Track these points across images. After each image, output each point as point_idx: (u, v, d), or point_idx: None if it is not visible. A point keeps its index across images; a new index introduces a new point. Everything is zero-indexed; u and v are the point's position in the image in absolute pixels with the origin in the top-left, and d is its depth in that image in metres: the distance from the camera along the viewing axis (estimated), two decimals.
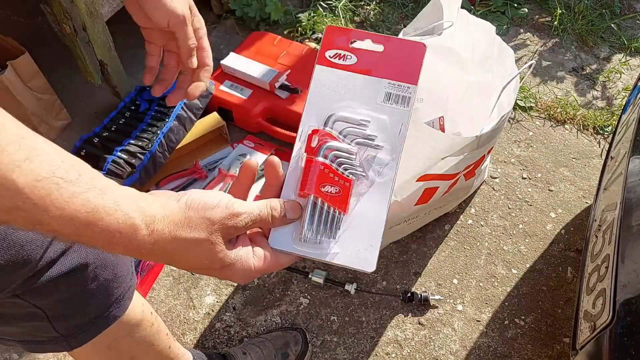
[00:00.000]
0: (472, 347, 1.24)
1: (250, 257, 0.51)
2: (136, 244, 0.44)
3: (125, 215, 0.42)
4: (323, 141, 0.54)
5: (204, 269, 0.50)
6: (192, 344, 1.23)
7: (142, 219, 0.44)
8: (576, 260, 1.38)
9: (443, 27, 1.19)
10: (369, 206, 0.54)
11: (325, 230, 0.53)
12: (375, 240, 0.54)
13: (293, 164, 0.55)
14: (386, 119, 0.56)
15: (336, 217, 0.53)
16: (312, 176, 0.52)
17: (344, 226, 0.54)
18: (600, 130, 1.68)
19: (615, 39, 1.95)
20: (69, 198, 0.39)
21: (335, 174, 0.53)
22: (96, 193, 0.41)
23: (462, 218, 1.45)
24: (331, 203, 0.53)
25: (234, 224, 0.48)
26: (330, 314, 1.28)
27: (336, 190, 0.53)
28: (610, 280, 0.81)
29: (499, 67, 1.22)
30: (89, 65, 1.50)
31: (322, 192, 0.52)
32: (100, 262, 0.67)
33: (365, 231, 0.54)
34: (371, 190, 0.55)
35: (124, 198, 0.43)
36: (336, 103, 0.56)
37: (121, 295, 0.72)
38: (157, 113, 1.50)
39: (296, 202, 0.53)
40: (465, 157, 1.11)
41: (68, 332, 0.69)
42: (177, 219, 0.46)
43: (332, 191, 0.53)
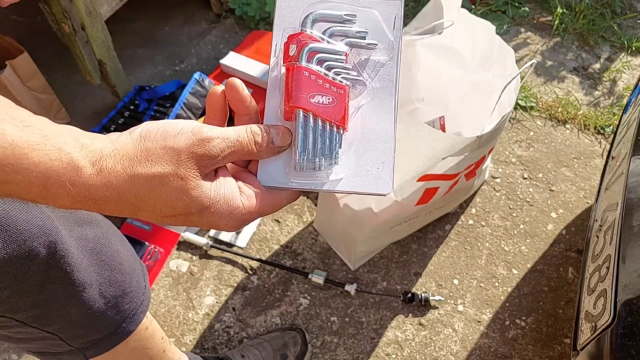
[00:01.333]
0: (472, 348, 1.24)
1: (236, 193, 0.41)
2: (82, 188, 0.34)
3: (59, 150, 0.33)
4: (303, 43, 0.44)
5: (178, 215, 0.38)
6: (192, 344, 1.22)
7: (85, 155, 0.34)
8: (577, 260, 1.38)
9: (443, 26, 1.18)
10: (372, 118, 0.45)
11: (323, 153, 0.43)
12: (386, 157, 0.44)
13: (271, 86, 0.45)
14: (376, 13, 0.46)
15: (334, 134, 0.44)
16: (296, 86, 0.42)
17: (346, 145, 0.45)
18: (601, 130, 1.67)
19: (616, 39, 1.94)
20: None
21: (324, 80, 0.43)
22: (14, 124, 0.32)
23: (463, 218, 1.45)
24: (325, 117, 0.43)
25: (206, 151, 0.38)
26: (330, 314, 1.27)
27: (329, 100, 0.43)
28: (611, 281, 0.81)
29: (499, 66, 1.21)
30: (88, 64, 1.50)
31: (312, 103, 0.42)
32: (104, 280, 0.66)
33: (372, 148, 0.45)
34: (372, 99, 0.46)
35: (57, 132, 0.34)
36: (312, 5, 0.46)
37: (133, 310, 0.71)
38: (156, 113, 1.50)
39: (283, 126, 0.43)
40: (466, 157, 1.11)
41: (83, 346, 0.69)
42: (131, 153, 0.36)
43: (324, 101, 0.43)
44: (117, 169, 0.35)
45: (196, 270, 1.33)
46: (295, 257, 1.36)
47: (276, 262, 1.34)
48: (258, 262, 1.34)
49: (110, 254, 0.66)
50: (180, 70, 1.79)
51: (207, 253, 1.36)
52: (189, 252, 1.36)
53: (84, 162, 0.34)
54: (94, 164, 0.35)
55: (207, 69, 1.76)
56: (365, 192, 0.44)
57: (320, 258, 1.36)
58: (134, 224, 1.37)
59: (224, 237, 1.38)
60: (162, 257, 1.33)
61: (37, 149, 0.32)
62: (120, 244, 0.70)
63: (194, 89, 1.51)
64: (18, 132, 0.32)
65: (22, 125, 0.32)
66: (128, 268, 0.70)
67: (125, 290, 0.69)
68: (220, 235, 1.38)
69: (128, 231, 1.36)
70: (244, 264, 1.34)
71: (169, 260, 1.34)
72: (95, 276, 0.64)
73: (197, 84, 1.51)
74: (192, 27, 1.93)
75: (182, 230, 1.36)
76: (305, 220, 1.42)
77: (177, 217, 0.38)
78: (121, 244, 0.70)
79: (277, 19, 0.47)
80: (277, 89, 0.45)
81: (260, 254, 1.36)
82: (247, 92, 0.44)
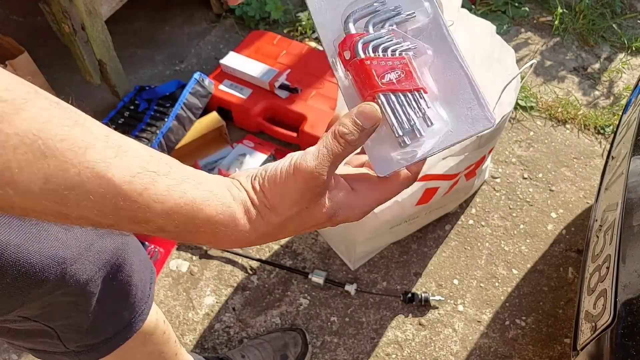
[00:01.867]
0: (472, 348, 1.24)
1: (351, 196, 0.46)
2: (239, 235, 0.42)
3: (223, 204, 0.41)
4: (353, 42, 0.46)
5: (310, 227, 0.46)
6: (192, 344, 1.22)
7: (238, 206, 0.42)
8: (577, 260, 1.38)
9: None
10: (443, 72, 0.48)
11: (417, 119, 0.46)
12: (471, 97, 0.47)
13: (348, 97, 0.48)
14: None
15: (418, 99, 0.46)
16: (365, 76, 0.45)
17: (433, 105, 0.47)
18: (601, 130, 1.67)
19: (616, 39, 1.94)
20: (166, 192, 0.37)
21: (385, 60, 0.46)
22: (191, 184, 0.39)
23: (463, 218, 1.45)
24: (402, 89, 0.45)
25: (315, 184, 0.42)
26: (331, 314, 1.27)
27: (397, 74, 0.45)
28: (611, 281, 0.81)
29: (499, 66, 1.21)
30: (88, 64, 1.50)
31: (386, 83, 0.45)
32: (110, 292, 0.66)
33: (456, 96, 0.47)
34: (434, 58, 0.48)
35: (218, 187, 0.41)
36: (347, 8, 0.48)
37: (133, 317, 0.72)
38: (156, 113, 1.50)
39: (363, 105, 0.44)
40: (466, 157, 1.11)
41: (79, 349, 0.69)
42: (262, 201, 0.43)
43: (394, 77, 0.45)
44: (257, 219, 0.43)
45: (196, 270, 1.33)
46: (295, 257, 1.36)
47: (276, 262, 1.34)
48: (258, 262, 1.34)
49: (123, 265, 0.67)
50: (180, 70, 1.79)
51: (207, 253, 1.36)
52: (189, 252, 1.36)
53: (240, 215, 0.42)
54: (245, 214, 0.42)
55: (207, 69, 1.76)
56: (471, 135, 0.46)
57: (320, 258, 1.36)
58: None
59: None
60: (162, 257, 1.33)
61: (210, 204, 0.40)
62: (134, 254, 0.70)
63: (194, 89, 1.51)
64: (196, 191, 0.39)
65: (196, 184, 0.39)
66: (136, 280, 0.70)
67: (128, 301, 0.70)
68: None
69: None
70: (244, 264, 1.34)
71: (169, 260, 1.34)
72: (103, 287, 0.65)
73: (197, 84, 1.51)
74: (192, 27, 1.93)
75: None
76: None
77: (310, 229, 0.46)
78: (136, 254, 0.71)
79: (322, 36, 0.49)
80: (354, 95, 0.47)
81: (260, 254, 1.36)
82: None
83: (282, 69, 1.62)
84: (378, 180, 0.47)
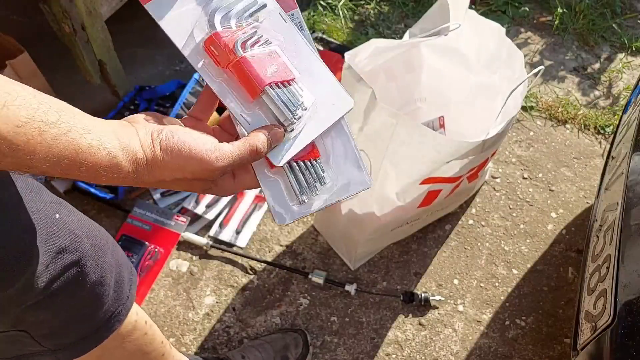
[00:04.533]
0: (472, 348, 1.24)
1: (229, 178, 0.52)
2: (122, 179, 0.45)
3: (109, 154, 0.43)
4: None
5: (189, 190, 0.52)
6: (192, 344, 1.22)
7: (125, 157, 0.44)
8: (577, 260, 1.38)
9: (450, 29, 1.18)
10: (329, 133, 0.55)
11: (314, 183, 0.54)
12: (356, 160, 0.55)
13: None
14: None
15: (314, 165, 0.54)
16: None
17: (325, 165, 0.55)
18: (601, 130, 1.67)
19: (616, 39, 1.94)
20: (52, 140, 0.39)
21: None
22: (78, 133, 0.41)
23: (463, 218, 1.45)
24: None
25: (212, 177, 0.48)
26: (331, 314, 1.27)
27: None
28: (611, 281, 0.81)
29: (506, 69, 1.21)
30: (88, 64, 1.50)
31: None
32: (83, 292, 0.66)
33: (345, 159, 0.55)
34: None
35: (108, 135, 0.44)
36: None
37: (108, 319, 0.71)
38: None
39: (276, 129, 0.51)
40: (470, 161, 1.11)
41: (56, 348, 0.69)
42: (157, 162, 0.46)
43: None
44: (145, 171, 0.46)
45: (196, 270, 1.33)
46: (295, 257, 1.36)
47: (276, 262, 1.34)
48: (258, 262, 1.34)
49: (94, 267, 0.66)
50: (180, 70, 1.79)
51: (207, 253, 1.36)
52: (189, 252, 1.36)
53: (125, 163, 0.44)
54: (131, 163, 0.45)
55: None
56: (353, 195, 0.54)
57: (320, 258, 1.36)
58: (134, 224, 1.37)
59: (224, 237, 1.38)
60: (162, 257, 1.33)
61: (95, 153, 0.42)
62: (110, 256, 0.70)
63: (194, 89, 1.51)
64: (82, 140, 0.41)
65: (83, 133, 0.42)
66: (109, 279, 0.70)
67: (102, 301, 0.69)
68: (220, 235, 1.38)
69: (128, 231, 1.36)
70: (244, 264, 1.34)
71: (169, 260, 1.34)
72: (73, 287, 0.64)
73: (197, 84, 1.51)
74: None
75: (182, 230, 1.36)
76: (305, 220, 1.42)
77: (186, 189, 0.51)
78: (111, 255, 0.70)
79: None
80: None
81: (260, 254, 1.36)
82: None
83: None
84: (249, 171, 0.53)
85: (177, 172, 0.47)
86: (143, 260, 1.31)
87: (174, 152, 0.46)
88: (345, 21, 1.96)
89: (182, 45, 0.52)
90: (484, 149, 1.07)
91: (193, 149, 0.46)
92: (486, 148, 1.08)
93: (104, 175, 0.44)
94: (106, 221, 1.39)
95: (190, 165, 0.46)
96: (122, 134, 0.45)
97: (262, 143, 0.49)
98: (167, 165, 0.46)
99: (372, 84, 1.01)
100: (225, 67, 0.50)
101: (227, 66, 0.50)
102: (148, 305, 1.28)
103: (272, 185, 0.53)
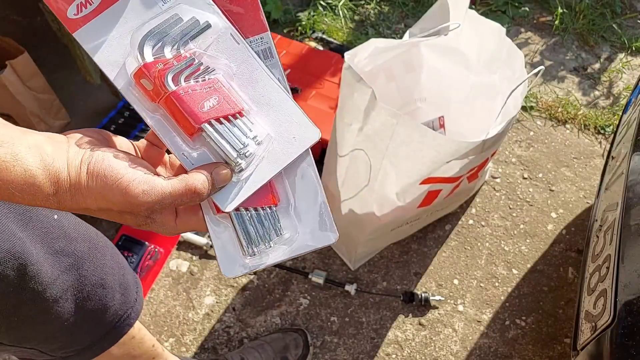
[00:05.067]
0: (472, 348, 1.24)
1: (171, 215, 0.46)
2: (41, 201, 0.41)
3: (25, 171, 0.39)
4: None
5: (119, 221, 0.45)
6: (192, 344, 1.22)
7: (45, 176, 0.40)
8: (577, 260, 1.38)
9: (449, 28, 1.18)
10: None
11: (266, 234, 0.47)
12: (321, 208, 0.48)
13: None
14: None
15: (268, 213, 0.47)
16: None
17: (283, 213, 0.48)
18: (601, 130, 1.67)
19: (616, 39, 1.94)
20: None
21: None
22: None
23: (463, 218, 1.45)
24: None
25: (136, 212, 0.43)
26: (331, 314, 1.27)
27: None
28: (611, 281, 0.81)
29: (506, 69, 1.21)
30: (88, 64, 1.50)
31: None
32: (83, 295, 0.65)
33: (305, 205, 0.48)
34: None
35: (27, 150, 0.39)
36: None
37: (116, 322, 0.71)
38: None
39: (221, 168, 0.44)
40: (470, 161, 1.11)
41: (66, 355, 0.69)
42: (80, 187, 0.41)
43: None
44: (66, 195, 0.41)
45: (196, 270, 1.33)
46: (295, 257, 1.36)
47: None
48: None
49: (92, 269, 0.66)
50: None
51: (207, 253, 1.36)
52: (189, 252, 1.36)
53: (44, 183, 0.40)
54: (53, 184, 0.40)
55: None
56: (316, 249, 0.47)
57: (320, 258, 1.36)
58: None
59: None
60: (162, 257, 1.33)
61: (8, 168, 0.38)
62: (110, 258, 0.70)
63: None
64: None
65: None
66: (112, 282, 0.69)
67: (107, 304, 0.69)
68: None
69: (128, 231, 1.36)
70: None
71: (169, 260, 1.34)
72: (72, 291, 0.64)
73: None
74: None
75: None
76: None
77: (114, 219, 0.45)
78: (111, 258, 0.70)
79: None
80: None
81: None
82: None
83: (282, 69, 1.62)
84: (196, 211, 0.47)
85: (101, 201, 0.42)
86: (143, 260, 1.31)
87: (100, 177, 0.41)
88: (345, 21, 1.96)
89: (113, 77, 0.45)
90: (484, 149, 1.07)
91: (120, 178, 0.41)
92: (486, 148, 1.08)
93: (19, 196, 0.39)
94: (106, 221, 1.39)
95: (113, 195, 0.41)
96: (48, 150, 0.41)
97: (202, 183, 0.43)
98: (91, 192, 0.41)
99: (372, 84, 1.01)
100: (154, 101, 0.45)
101: (158, 102, 0.45)
102: (148, 305, 1.28)
103: (221, 232, 0.47)
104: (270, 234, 0.47)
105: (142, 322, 1.25)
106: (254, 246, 0.46)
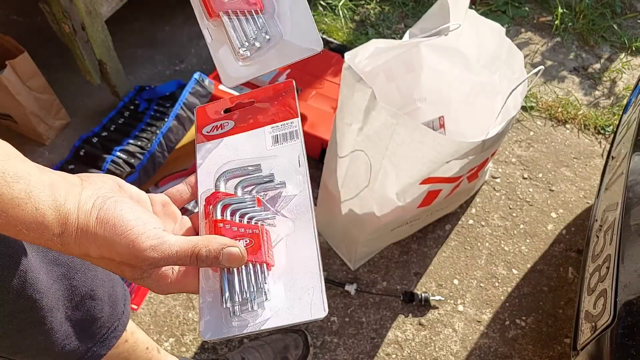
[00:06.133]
0: (472, 348, 1.24)
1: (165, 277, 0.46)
2: (45, 242, 0.40)
3: (36, 210, 0.39)
4: (216, 200, 0.49)
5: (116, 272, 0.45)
6: (192, 344, 1.22)
7: (55, 217, 0.40)
8: (577, 260, 1.38)
9: (450, 29, 1.18)
10: (295, 247, 0.48)
11: (251, 291, 0.45)
12: (315, 282, 0.46)
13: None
14: (281, 159, 0.52)
15: (258, 272, 0.46)
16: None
17: (274, 279, 0.47)
18: (601, 130, 1.67)
19: (616, 39, 1.94)
20: None
21: (237, 225, 0.47)
22: (5, 181, 0.37)
23: (463, 218, 1.45)
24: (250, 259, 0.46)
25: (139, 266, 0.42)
26: (330, 314, 1.27)
27: (246, 242, 0.46)
28: (611, 281, 0.81)
29: (506, 69, 1.21)
30: (88, 64, 1.50)
31: None
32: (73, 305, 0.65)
33: (300, 276, 0.47)
34: (292, 231, 0.49)
35: (42, 188, 0.39)
36: (223, 165, 0.53)
37: (104, 335, 0.71)
38: (156, 113, 1.50)
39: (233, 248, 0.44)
40: (470, 161, 1.11)
41: None
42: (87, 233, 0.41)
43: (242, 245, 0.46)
44: (70, 239, 0.41)
45: None
46: None
47: None
48: None
49: (83, 279, 0.65)
50: (180, 70, 1.79)
51: None
52: None
53: (52, 224, 0.40)
54: (61, 226, 0.40)
55: (207, 69, 1.76)
56: (301, 322, 0.45)
57: None
58: None
59: None
60: None
61: (20, 205, 0.38)
62: (101, 270, 0.69)
63: (194, 89, 1.50)
64: (7, 189, 0.37)
65: (11, 181, 0.38)
66: (102, 294, 0.69)
67: (95, 315, 0.68)
68: None
69: None
70: None
71: None
72: (63, 300, 0.63)
73: (197, 84, 1.51)
74: (192, 27, 1.93)
75: None
76: None
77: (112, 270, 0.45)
78: (102, 270, 0.70)
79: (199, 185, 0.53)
80: None
81: None
82: None
83: (282, 69, 1.62)
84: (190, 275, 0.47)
85: (104, 250, 0.41)
86: None
87: (109, 225, 0.41)
88: (345, 21, 1.96)
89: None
90: (484, 149, 1.07)
91: (130, 228, 0.41)
92: (486, 148, 1.08)
93: (25, 233, 0.39)
94: None
95: (119, 246, 0.40)
96: (61, 190, 0.41)
97: (207, 252, 0.42)
98: (97, 239, 0.41)
99: (372, 84, 1.01)
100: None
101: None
102: (148, 305, 1.28)
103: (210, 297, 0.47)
104: (254, 292, 0.46)
105: (141, 322, 1.25)
106: (232, 303, 0.45)
